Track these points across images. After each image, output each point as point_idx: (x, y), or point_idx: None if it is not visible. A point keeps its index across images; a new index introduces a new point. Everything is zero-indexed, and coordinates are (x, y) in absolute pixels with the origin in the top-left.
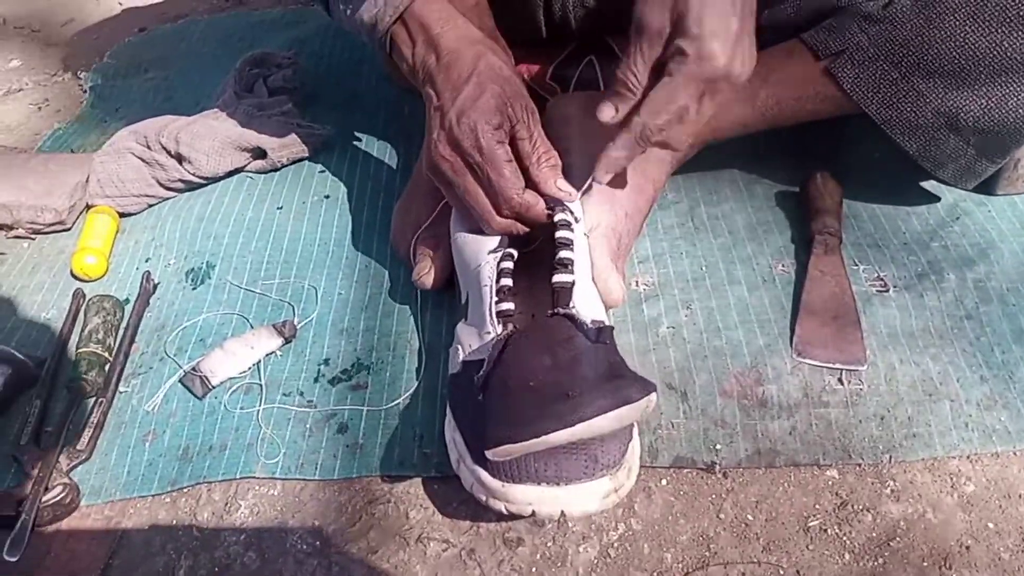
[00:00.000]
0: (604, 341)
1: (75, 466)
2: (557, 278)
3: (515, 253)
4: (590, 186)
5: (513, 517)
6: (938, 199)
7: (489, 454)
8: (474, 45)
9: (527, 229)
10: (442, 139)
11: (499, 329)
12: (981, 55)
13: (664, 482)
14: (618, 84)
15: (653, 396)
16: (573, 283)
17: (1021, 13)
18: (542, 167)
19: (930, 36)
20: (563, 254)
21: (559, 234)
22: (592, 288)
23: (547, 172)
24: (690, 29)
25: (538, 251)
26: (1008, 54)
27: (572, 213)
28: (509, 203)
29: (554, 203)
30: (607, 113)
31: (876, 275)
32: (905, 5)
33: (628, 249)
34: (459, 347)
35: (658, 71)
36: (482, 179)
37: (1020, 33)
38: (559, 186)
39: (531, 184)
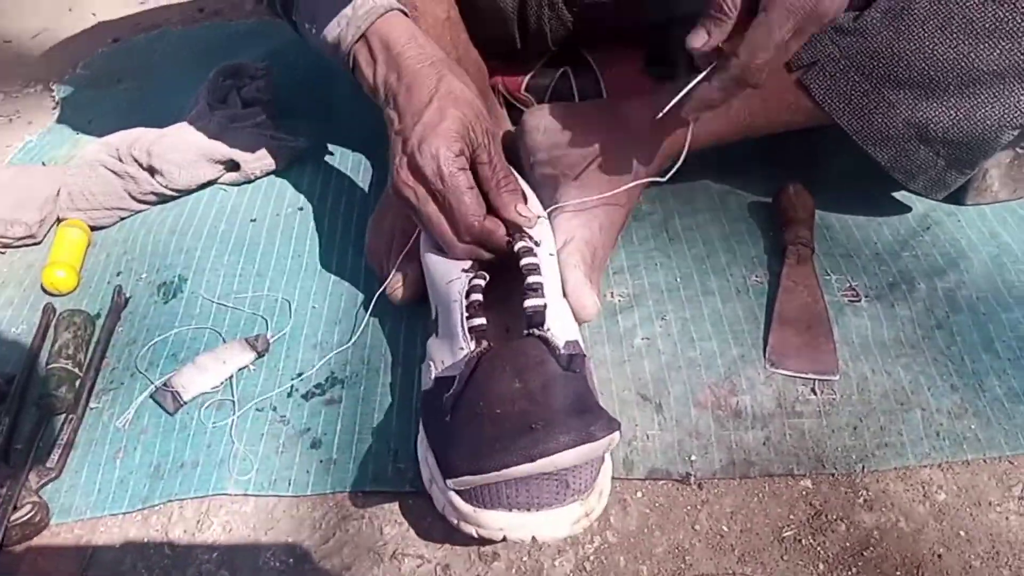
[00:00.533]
0: (575, 369)
1: (44, 484)
2: (529, 303)
3: (486, 276)
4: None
5: (485, 541)
6: (909, 209)
7: (451, 483)
8: (435, 67)
9: (489, 256)
10: (404, 165)
11: (472, 345)
12: (950, 67)
13: (639, 494)
14: (713, 7)
15: (616, 435)
16: (545, 305)
17: (987, 26)
18: (502, 192)
19: (900, 48)
20: (531, 279)
21: (523, 261)
22: (565, 307)
23: (507, 197)
24: None
25: (511, 263)
26: (976, 66)
27: (531, 238)
28: (470, 230)
29: (514, 229)
30: (699, 39)
31: (848, 285)
32: (875, 17)
33: (604, 262)
34: (431, 363)
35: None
36: (443, 206)
37: (986, 45)
38: (519, 211)
39: (491, 209)
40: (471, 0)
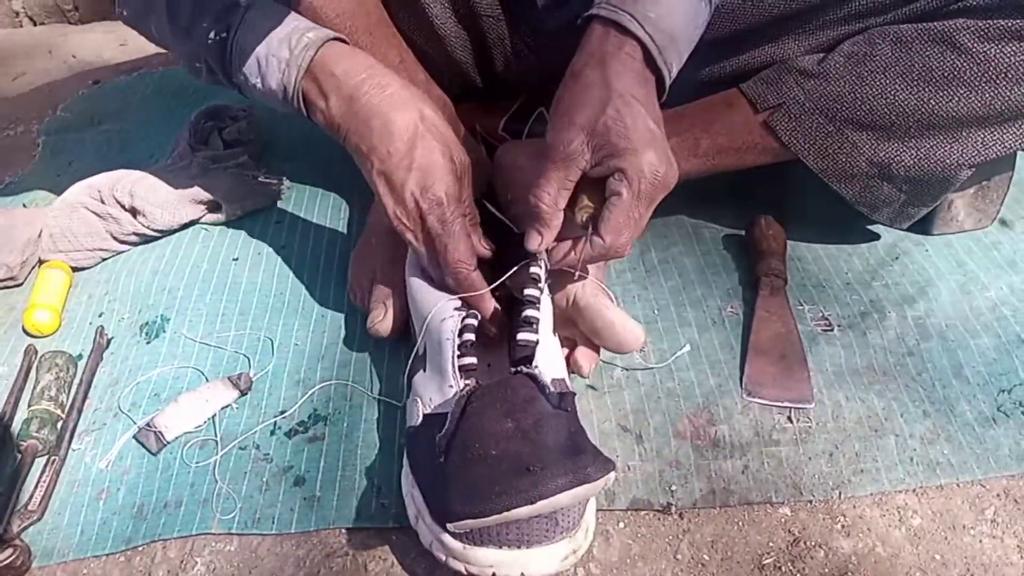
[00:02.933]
0: (565, 408)
1: (26, 527)
2: (522, 336)
3: (478, 315)
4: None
5: None
6: (878, 239)
7: (451, 527)
8: (403, 99)
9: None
10: (403, 210)
11: (462, 384)
12: (910, 111)
13: (621, 525)
14: (533, 209)
15: (611, 475)
16: (537, 342)
17: (946, 75)
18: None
19: (862, 92)
20: (528, 312)
21: (527, 291)
22: (554, 346)
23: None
24: (617, 147)
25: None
26: (935, 111)
27: (545, 267)
28: (456, 276)
29: (529, 255)
30: (534, 242)
31: (821, 315)
32: (838, 61)
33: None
34: (418, 400)
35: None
36: (433, 246)
37: (945, 93)
38: (478, 245)
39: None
40: (423, 50)
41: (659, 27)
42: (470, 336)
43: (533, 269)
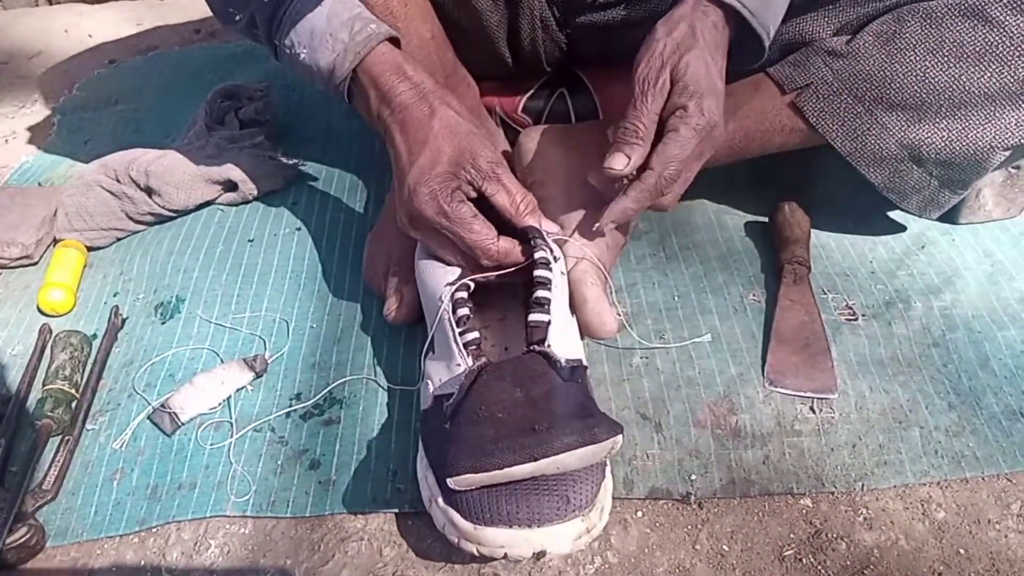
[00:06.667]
0: (577, 380)
1: (40, 506)
2: (533, 317)
3: (471, 284)
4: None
5: (485, 559)
6: (904, 228)
7: (450, 482)
8: (425, 99)
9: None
10: (404, 213)
11: (469, 361)
12: (941, 89)
13: (640, 514)
14: (627, 133)
15: (619, 438)
16: (549, 322)
17: (978, 50)
18: (524, 216)
19: (892, 71)
20: (540, 293)
21: (537, 272)
22: (569, 326)
23: (530, 220)
24: (688, 87)
25: (511, 284)
26: (967, 88)
27: (552, 251)
28: (487, 254)
29: (535, 239)
30: (620, 161)
31: (845, 304)
32: (867, 41)
33: (608, 281)
34: (429, 382)
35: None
36: (455, 240)
37: (977, 69)
38: (546, 228)
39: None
40: (457, 22)
41: None
42: (465, 312)
43: (540, 254)
